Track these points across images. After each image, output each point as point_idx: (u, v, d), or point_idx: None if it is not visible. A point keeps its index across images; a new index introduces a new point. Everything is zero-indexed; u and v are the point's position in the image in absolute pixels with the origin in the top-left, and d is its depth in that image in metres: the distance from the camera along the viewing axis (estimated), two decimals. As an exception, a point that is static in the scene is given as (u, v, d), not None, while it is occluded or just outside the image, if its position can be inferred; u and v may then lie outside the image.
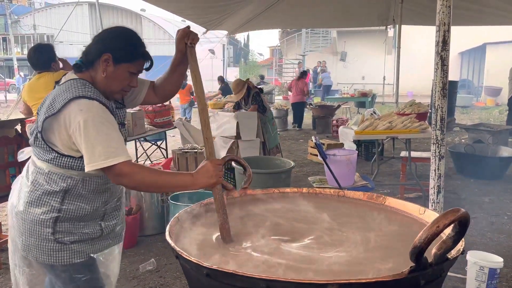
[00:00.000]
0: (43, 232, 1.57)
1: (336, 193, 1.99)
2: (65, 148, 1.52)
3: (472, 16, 7.93)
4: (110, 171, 1.47)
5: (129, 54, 1.59)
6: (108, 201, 1.69)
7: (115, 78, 1.58)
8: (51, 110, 1.49)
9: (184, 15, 7.48)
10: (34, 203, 1.57)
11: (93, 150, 1.45)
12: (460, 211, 1.08)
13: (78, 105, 1.47)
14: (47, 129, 1.52)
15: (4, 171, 3.19)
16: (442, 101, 2.39)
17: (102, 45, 1.57)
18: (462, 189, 5.19)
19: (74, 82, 1.55)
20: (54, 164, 1.54)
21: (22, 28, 37.41)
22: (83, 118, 1.45)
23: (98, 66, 1.57)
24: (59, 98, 1.50)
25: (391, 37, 19.91)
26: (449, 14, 2.30)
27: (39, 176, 1.57)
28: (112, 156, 1.46)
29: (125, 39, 1.61)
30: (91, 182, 1.60)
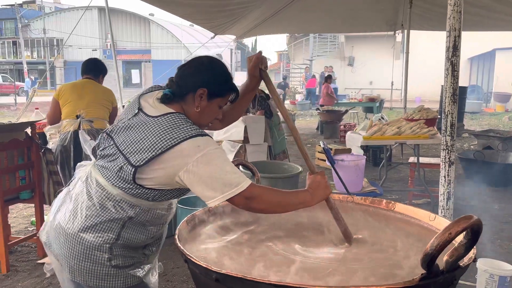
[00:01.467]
0: (100, 258, 1.48)
1: (344, 198, 1.99)
2: (154, 184, 1.45)
3: (482, 22, 7.89)
4: (240, 196, 1.41)
5: (223, 90, 1.57)
6: (159, 231, 1.66)
7: (207, 112, 1.55)
8: (159, 149, 1.40)
9: (193, 20, 7.53)
10: (97, 228, 1.48)
11: (224, 180, 1.39)
12: (472, 218, 1.07)
13: (194, 142, 1.41)
14: (145, 167, 1.42)
15: (14, 174, 3.21)
16: (452, 106, 2.37)
17: (198, 79, 1.53)
18: (471, 196, 5.14)
19: (176, 117, 1.47)
20: (128, 193, 1.46)
21: (32, 32, 37.89)
22: (202, 152, 1.39)
23: (190, 99, 1.53)
24: (166, 135, 1.41)
25: (399, 42, 19.88)
26: (460, 19, 2.29)
27: (107, 201, 1.48)
28: (241, 181, 1.41)
29: (221, 74, 1.58)
30: (155, 213, 1.55)
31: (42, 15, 36.01)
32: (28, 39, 37.85)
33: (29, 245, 3.78)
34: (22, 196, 3.34)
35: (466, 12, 6.84)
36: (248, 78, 1.76)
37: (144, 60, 37.29)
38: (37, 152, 3.33)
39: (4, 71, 35.15)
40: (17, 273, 3.28)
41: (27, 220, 4.48)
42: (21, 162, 3.24)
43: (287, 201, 1.51)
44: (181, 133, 1.41)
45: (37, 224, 3.53)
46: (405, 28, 8.35)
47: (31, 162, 3.31)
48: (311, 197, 1.54)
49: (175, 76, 1.58)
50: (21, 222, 4.45)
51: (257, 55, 1.69)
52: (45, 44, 35.04)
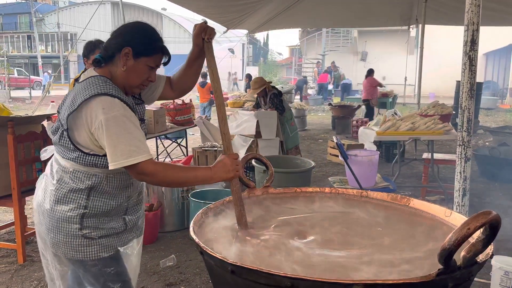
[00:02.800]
0: (71, 229, 1.59)
1: (359, 193, 1.98)
2: (88, 145, 1.53)
3: (498, 17, 7.75)
4: (133, 169, 1.50)
5: (148, 48, 1.60)
6: (131, 196, 1.72)
7: (134, 72, 1.60)
8: (72, 107, 1.51)
9: (205, 14, 7.52)
10: (61, 201, 1.59)
11: (116, 149, 1.47)
12: (492, 214, 1.06)
13: (100, 102, 1.48)
14: (71, 127, 1.53)
15: (31, 166, 3.26)
16: (470, 102, 2.34)
17: (123, 40, 1.59)
18: (486, 193, 5.08)
19: (95, 79, 1.56)
20: (78, 162, 1.55)
21: (46, 26, 38.26)
22: (105, 116, 1.46)
23: (118, 60, 1.59)
24: (80, 94, 1.52)
25: (413, 37, 19.63)
26: (478, 13, 2.25)
27: (64, 174, 1.59)
28: (134, 154, 1.48)
29: (145, 33, 1.62)
30: (115, 178, 1.62)
31: (56, 10, 36.32)
32: (43, 34, 38.23)
33: (45, 236, 3.84)
34: (39, 188, 3.39)
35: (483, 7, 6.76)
36: (192, 46, 1.76)
37: (156, 55, 37.42)
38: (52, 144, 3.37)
39: (19, 65, 35.61)
40: (33, 263, 3.34)
41: (42, 212, 4.55)
42: (38, 154, 3.29)
43: (183, 179, 1.59)
44: (90, 91, 1.50)
45: (52, 216, 3.58)
46: (420, 23, 8.24)
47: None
48: (211, 175, 1.58)
49: (105, 41, 1.66)
50: (36, 213, 4.53)
51: (201, 23, 1.70)
52: (59, 39, 35.36)
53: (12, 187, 3.09)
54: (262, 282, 1.18)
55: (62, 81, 31.37)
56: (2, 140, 3.04)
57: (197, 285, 3.02)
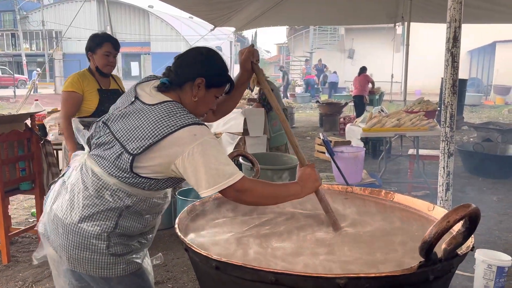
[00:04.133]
0: (99, 246, 1.50)
1: (344, 189, 2.00)
2: (151, 172, 1.46)
3: (482, 14, 7.86)
4: (232, 188, 1.43)
5: (220, 80, 1.59)
6: (155, 220, 1.67)
7: (203, 102, 1.57)
8: (156, 137, 1.41)
9: (192, 12, 7.50)
10: (93, 217, 1.49)
11: (217, 171, 1.40)
12: (470, 207, 1.08)
13: (190, 131, 1.41)
14: (143, 155, 1.43)
15: (14, 165, 3.21)
16: (452, 98, 2.38)
17: (197, 69, 1.55)
18: (470, 188, 5.16)
19: (173, 105, 1.48)
20: (124, 182, 1.47)
21: (30, 24, 37.66)
22: (198, 141, 1.40)
23: (188, 88, 1.54)
24: (163, 123, 1.42)
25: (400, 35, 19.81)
26: (460, 10, 2.28)
27: (104, 191, 1.49)
28: (233, 173, 1.42)
29: (218, 65, 1.60)
30: (151, 202, 1.56)
31: (41, 7, 35.79)
32: (27, 31, 37.65)
33: (30, 236, 3.80)
34: (22, 187, 3.34)
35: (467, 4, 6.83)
36: (240, 71, 1.78)
37: (143, 53, 37.12)
38: (37, 143, 3.33)
39: (3, 64, 35.01)
40: (18, 263, 3.30)
41: (27, 212, 4.50)
42: (21, 153, 3.24)
43: (277, 194, 1.53)
44: (178, 120, 1.42)
45: (37, 215, 3.54)
46: (406, 21, 8.33)
47: (31, 153, 3.32)
48: (301, 189, 1.56)
49: (173, 65, 1.59)
50: (21, 213, 4.47)
51: (248, 48, 1.72)
52: (44, 36, 34.86)
53: (-4, 186, 3.04)
54: (247, 278, 1.18)
55: (47, 79, 30.95)
56: (-15, 139, 2.99)
57: (184, 283, 3.01)
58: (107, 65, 3.08)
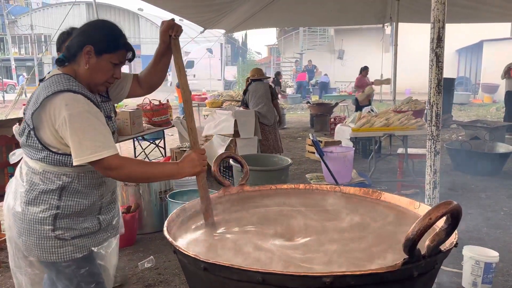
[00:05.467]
0: (43, 230, 1.57)
1: (332, 189, 2.02)
2: (54, 143, 1.53)
3: (468, 13, 7.97)
4: (99, 164, 1.50)
5: (110, 45, 1.60)
6: (104, 194, 1.71)
7: (98, 69, 1.59)
8: (36, 104, 1.50)
9: (181, 14, 7.49)
10: (32, 203, 1.57)
11: (80, 145, 1.47)
12: (452, 204, 1.10)
13: (63, 99, 1.48)
14: (37, 126, 1.52)
15: (3, 170, 3.20)
16: (437, 97, 2.41)
17: (84, 38, 1.59)
18: (459, 185, 5.22)
19: (58, 77, 1.56)
20: (47, 162, 1.54)
21: (19, 29, 37.32)
22: (68, 112, 1.46)
23: (80, 59, 1.59)
24: (43, 92, 1.51)
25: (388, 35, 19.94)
26: (444, 11, 2.32)
27: (33, 176, 1.58)
28: (100, 150, 1.48)
29: (105, 30, 1.62)
30: (86, 177, 1.61)
31: (29, 11, 35.49)
32: (16, 36, 37.30)
33: (20, 242, 3.77)
34: (12, 193, 3.32)
35: (454, 4, 6.95)
36: (159, 43, 1.77)
37: (133, 56, 36.98)
38: (26, 148, 3.32)
39: (-9, 68, 34.66)
40: (8, 269, 3.25)
41: (17, 217, 4.46)
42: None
43: (150, 174, 1.58)
44: (53, 88, 1.50)
45: (27, 221, 3.52)
46: (394, 21, 8.40)
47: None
48: (178, 171, 1.60)
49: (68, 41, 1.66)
50: (11, 219, 4.43)
51: (168, 21, 1.71)
52: (33, 41, 34.58)
53: (-16, 192, 3.02)
54: (234, 278, 1.20)
55: (36, 83, 30.67)
56: (-28, 145, 2.97)
57: (176, 285, 3.02)
58: None
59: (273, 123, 5.96)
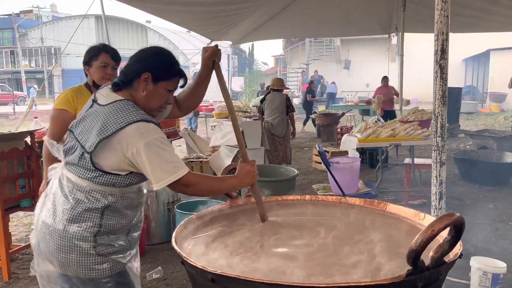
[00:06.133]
0: (85, 247, 1.58)
1: (338, 200, 2.04)
2: (113, 168, 1.55)
3: (476, 23, 7.99)
4: (177, 183, 1.56)
5: (167, 73, 1.66)
6: (138, 213, 1.75)
7: (154, 96, 1.65)
8: (105, 133, 1.52)
9: (189, 27, 7.60)
10: (75, 220, 1.58)
11: (161, 169, 1.52)
12: (454, 216, 1.12)
13: (138, 128, 1.52)
14: (99, 152, 1.54)
15: (15, 182, 3.25)
16: (442, 108, 2.43)
17: (141, 65, 1.64)
18: (466, 196, 5.20)
19: (123, 103, 1.58)
20: (95, 182, 1.57)
21: (29, 41, 37.93)
22: (144, 141, 1.51)
23: (137, 85, 1.63)
24: (112, 121, 1.53)
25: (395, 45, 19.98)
26: (447, 23, 2.35)
27: (78, 193, 1.59)
28: (177, 170, 1.55)
29: (162, 58, 1.68)
30: (129, 198, 1.65)
31: (40, 24, 36.08)
32: (26, 48, 37.90)
33: (30, 252, 3.81)
34: (23, 204, 3.38)
35: (460, 14, 6.97)
36: (202, 67, 1.87)
37: (141, 67, 37.34)
38: (36, 160, 3.38)
39: (2, 81, 35.18)
40: (19, 280, 3.32)
41: (27, 228, 4.52)
42: (21, 170, 3.29)
43: (216, 187, 1.71)
44: (126, 117, 1.54)
45: (37, 232, 3.56)
46: (399, 31, 8.43)
47: (31, 170, 3.36)
48: (238, 183, 1.76)
49: (124, 66, 1.70)
50: (21, 230, 4.49)
51: (213, 47, 1.82)
52: (43, 53, 35.10)
53: (-4, 204, 3.08)
54: (241, 289, 1.22)
55: (47, 95, 31.08)
56: (-15, 158, 3.03)
57: (184, 296, 3.03)
58: (104, 78, 2.64)
59: (285, 134, 6.07)
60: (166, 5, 5.61)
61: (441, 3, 2.33)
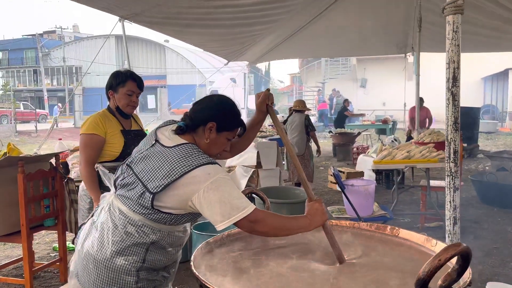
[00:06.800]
0: (128, 281, 1.63)
1: (351, 225, 2.09)
2: (172, 209, 1.60)
3: (493, 43, 8.00)
4: (246, 220, 1.56)
5: (230, 124, 1.75)
6: (177, 253, 1.81)
7: (216, 143, 1.73)
8: (173, 176, 1.55)
9: (206, 48, 7.80)
10: (123, 253, 1.62)
11: (231, 205, 1.54)
12: (460, 246, 1.16)
13: (205, 170, 1.57)
14: (162, 194, 1.57)
15: (39, 202, 3.38)
16: (455, 134, 2.46)
17: (208, 114, 1.71)
18: (484, 218, 5.14)
19: (189, 147, 1.64)
20: (148, 218, 1.61)
21: (52, 61, 39.13)
22: (212, 179, 1.55)
23: (201, 131, 1.70)
24: (180, 163, 1.57)
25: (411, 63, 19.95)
26: (458, 52, 2.41)
27: (130, 227, 1.62)
28: (246, 205, 1.57)
29: (229, 110, 1.77)
30: (174, 236, 1.70)
31: (62, 44, 37.23)
32: (49, 68, 39.09)
33: (52, 270, 3.93)
34: (46, 224, 3.50)
35: (477, 34, 7.00)
36: (256, 113, 1.96)
37: (159, 86, 38.04)
38: (60, 181, 3.51)
39: (25, 99, 36.24)
40: (40, 298, 3.41)
41: (49, 246, 4.64)
42: (46, 191, 3.42)
43: (287, 226, 1.66)
44: (193, 161, 1.58)
45: (59, 250, 3.67)
46: (415, 51, 8.47)
47: (55, 191, 3.49)
48: (310, 222, 1.69)
49: (189, 110, 1.78)
50: (43, 248, 4.62)
51: (265, 92, 1.91)
52: (65, 72, 36.13)
53: (21, 223, 3.19)
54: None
55: (67, 113, 31.84)
56: (12, 179, 3.17)
57: (200, 316, 3.07)
58: (129, 105, 2.78)
59: (304, 153, 6.22)
60: (185, 28, 5.79)
61: (452, 32, 2.40)
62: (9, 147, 3.39)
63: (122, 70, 2.88)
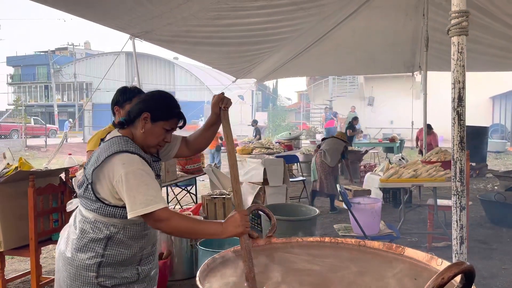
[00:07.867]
0: (88, 277, 1.73)
1: (357, 243, 2.09)
2: (109, 197, 1.72)
3: (500, 62, 8.01)
4: (150, 217, 1.66)
5: (164, 114, 1.83)
6: (145, 246, 1.87)
7: (151, 133, 1.81)
8: (97, 163, 1.71)
9: (214, 65, 7.91)
10: (81, 250, 1.74)
11: (135, 199, 1.64)
12: (463, 265, 1.17)
13: (121, 159, 1.69)
14: (95, 181, 1.72)
15: (48, 216, 3.42)
16: (461, 153, 2.48)
17: (143, 106, 1.83)
18: (493, 239, 5.08)
19: (117, 138, 1.79)
20: (99, 213, 1.73)
21: (63, 77, 39.77)
22: (125, 170, 1.66)
23: (138, 123, 1.82)
24: (103, 152, 1.73)
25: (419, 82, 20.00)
26: (463, 72, 2.44)
27: (85, 224, 1.76)
28: (152, 203, 1.65)
29: (162, 101, 1.86)
30: (131, 229, 1.79)
31: (74, 61, 37.87)
32: (60, 84, 39.70)
33: (58, 285, 3.93)
34: (54, 238, 3.52)
35: (485, 53, 7.03)
36: (210, 114, 2.00)
37: (168, 102, 38.30)
38: (69, 196, 3.55)
39: (36, 114, 36.74)
40: (46, 312, 3.42)
41: (55, 260, 4.65)
42: (55, 205, 3.46)
43: (194, 230, 1.70)
44: (114, 148, 1.71)
45: (66, 265, 3.69)
46: (423, 70, 8.51)
47: (64, 205, 3.52)
48: (222, 230, 1.68)
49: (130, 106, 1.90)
50: (50, 262, 4.64)
51: (218, 95, 1.94)
52: (75, 88, 36.65)
53: (30, 237, 3.23)
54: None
55: (77, 128, 32.21)
56: (23, 193, 3.22)
57: (205, 334, 3.06)
58: None
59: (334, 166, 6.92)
60: (194, 45, 5.89)
61: (457, 53, 2.44)
62: (20, 162, 3.44)
63: (129, 86, 2.86)
